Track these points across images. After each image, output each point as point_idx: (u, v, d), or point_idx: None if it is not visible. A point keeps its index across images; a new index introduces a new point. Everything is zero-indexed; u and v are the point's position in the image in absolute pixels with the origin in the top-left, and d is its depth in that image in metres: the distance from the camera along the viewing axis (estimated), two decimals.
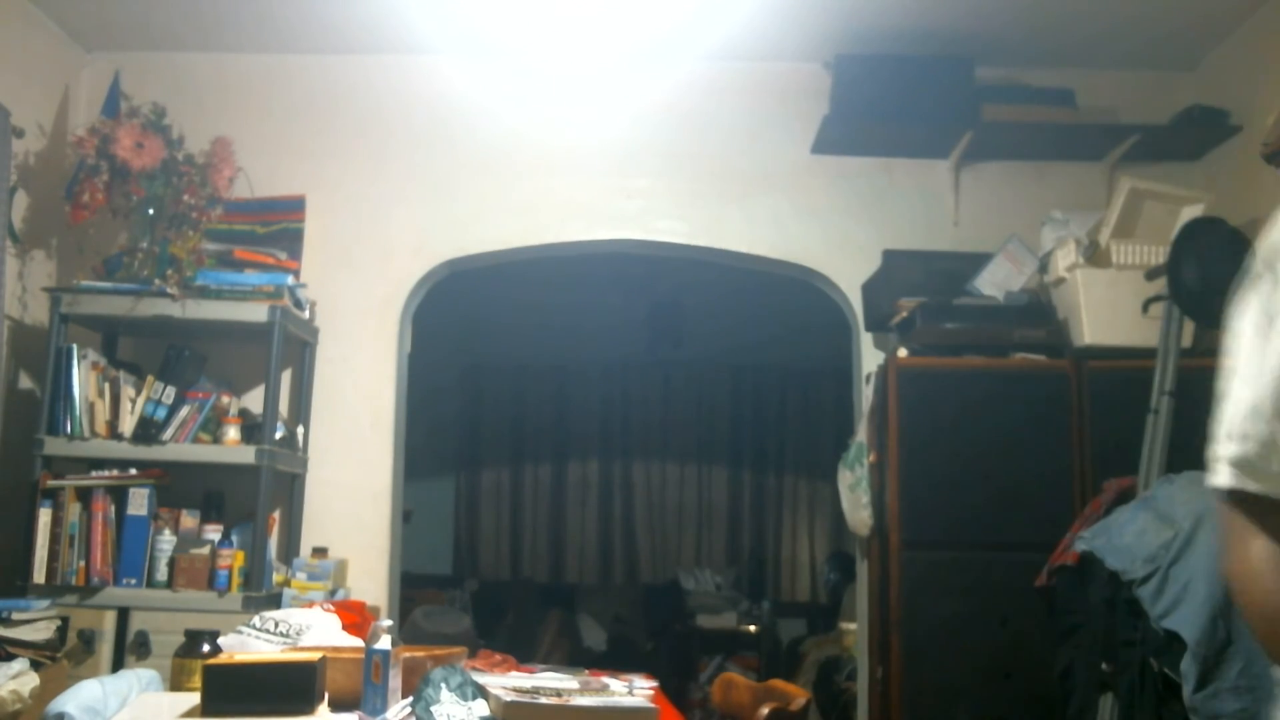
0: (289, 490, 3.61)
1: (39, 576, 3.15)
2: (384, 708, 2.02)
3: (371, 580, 3.59)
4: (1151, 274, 3.20)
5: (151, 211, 3.35)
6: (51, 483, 3.20)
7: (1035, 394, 3.21)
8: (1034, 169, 3.85)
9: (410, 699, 2.07)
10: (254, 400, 3.59)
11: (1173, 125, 3.67)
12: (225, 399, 3.43)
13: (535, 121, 3.90)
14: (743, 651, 6.46)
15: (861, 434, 3.44)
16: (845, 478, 3.43)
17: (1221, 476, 1.04)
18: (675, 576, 6.70)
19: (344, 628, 2.59)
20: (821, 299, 4.02)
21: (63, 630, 2.98)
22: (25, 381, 3.50)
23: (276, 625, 2.46)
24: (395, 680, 2.07)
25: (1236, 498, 1.04)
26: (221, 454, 3.33)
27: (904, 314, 3.39)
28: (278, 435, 3.39)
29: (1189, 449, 2.82)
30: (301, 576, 3.35)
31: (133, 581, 3.21)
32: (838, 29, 3.62)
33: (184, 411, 3.30)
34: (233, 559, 3.25)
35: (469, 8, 3.57)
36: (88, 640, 3.06)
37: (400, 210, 3.84)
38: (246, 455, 3.29)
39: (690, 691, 6.12)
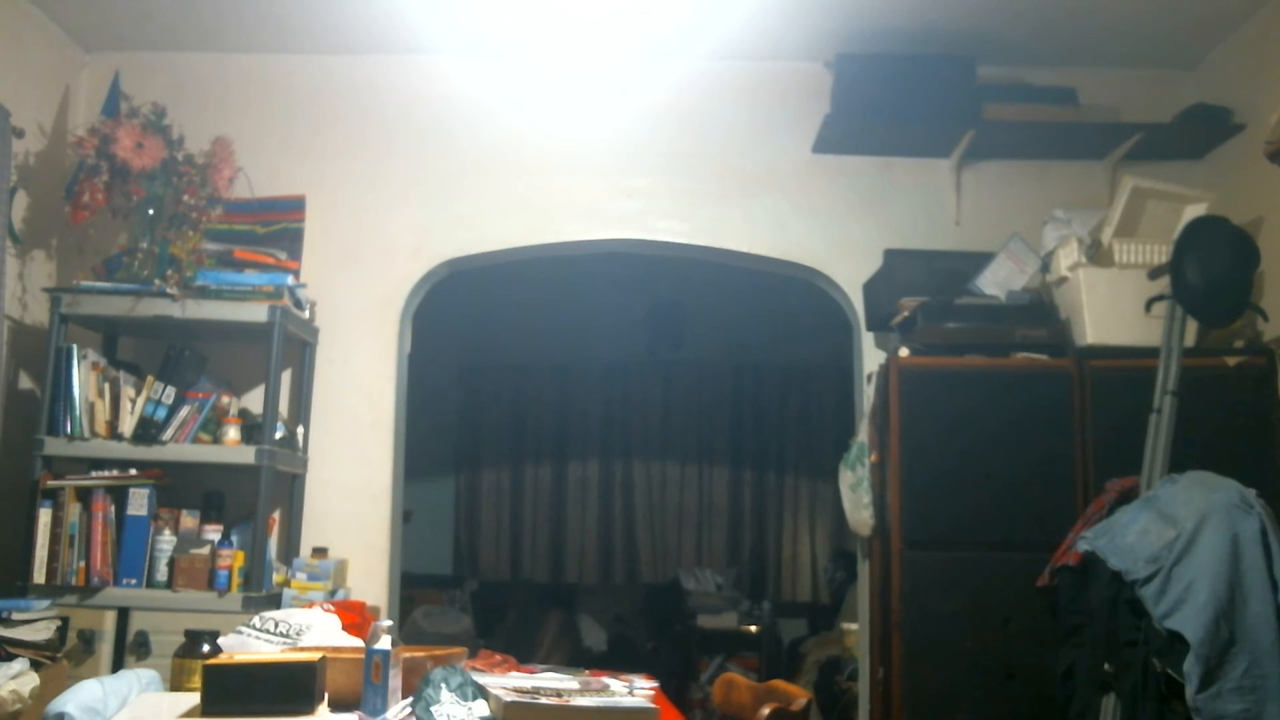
0: (289, 490, 3.61)
1: (39, 576, 3.15)
2: (384, 708, 2.02)
3: (371, 580, 3.58)
4: (1154, 273, 3.19)
5: (151, 211, 3.35)
6: (51, 483, 3.19)
7: (1037, 394, 3.21)
8: (1036, 168, 3.85)
9: (410, 699, 2.07)
10: (254, 400, 3.59)
11: (1175, 124, 3.67)
12: (225, 399, 3.43)
13: (535, 121, 3.89)
14: (743, 651, 6.45)
15: (863, 434, 3.44)
16: (846, 478, 3.43)
17: None
18: (676, 576, 6.69)
19: (344, 628, 2.59)
20: (822, 299, 4.02)
21: (63, 630, 2.97)
22: (25, 381, 3.50)
23: (276, 625, 2.46)
24: (395, 680, 2.07)
25: None
26: (221, 454, 3.32)
27: (905, 313, 3.39)
28: (278, 435, 3.38)
29: (1192, 449, 2.82)
30: (301, 576, 3.35)
31: (133, 582, 3.21)
32: (838, 28, 3.62)
33: (184, 411, 3.30)
34: (233, 559, 3.24)
35: (470, 8, 3.57)
36: (88, 640, 3.05)
37: (400, 210, 3.83)
38: (246, 455, 3.29)
39: (691, 692, 6.11)
